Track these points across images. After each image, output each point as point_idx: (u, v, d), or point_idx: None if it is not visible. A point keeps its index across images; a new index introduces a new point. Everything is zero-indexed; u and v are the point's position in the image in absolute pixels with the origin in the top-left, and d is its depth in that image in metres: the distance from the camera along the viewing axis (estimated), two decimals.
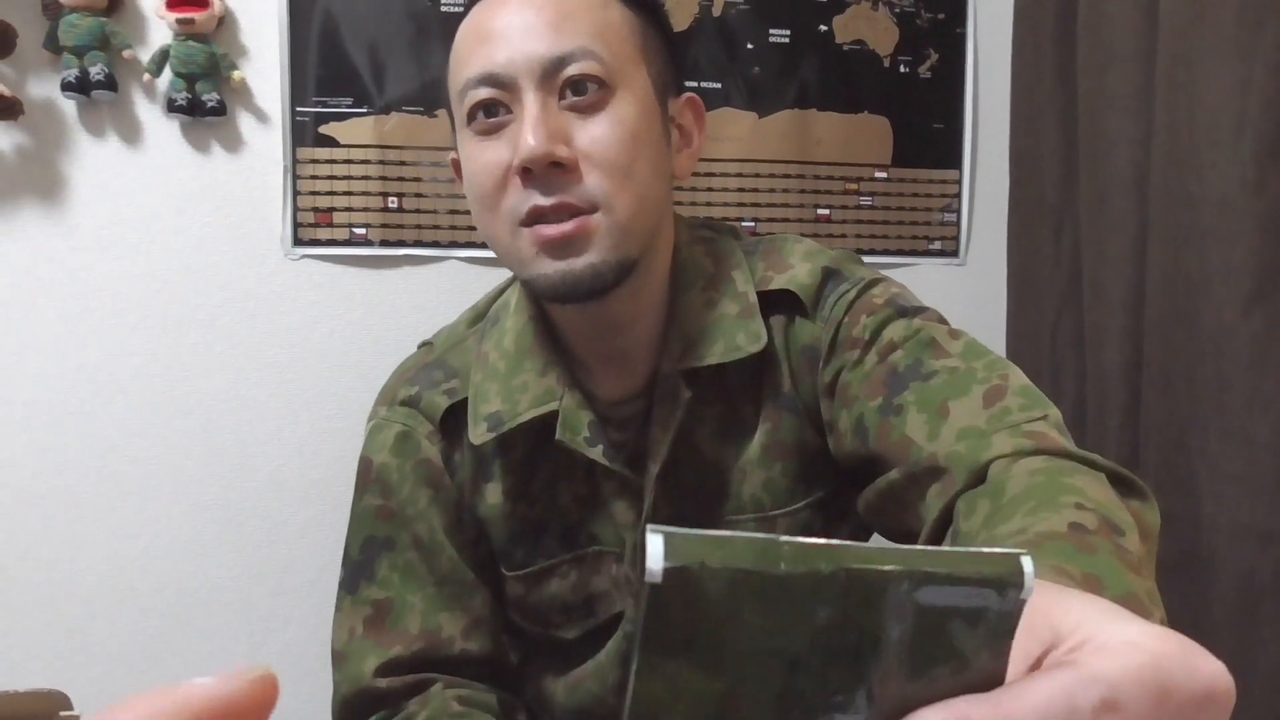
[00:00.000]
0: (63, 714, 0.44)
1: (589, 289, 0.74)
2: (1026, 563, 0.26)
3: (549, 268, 0.73)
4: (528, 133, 0.71)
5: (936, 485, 0.67)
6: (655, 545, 0.23)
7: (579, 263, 0.73)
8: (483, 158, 0.75)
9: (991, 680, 0.26)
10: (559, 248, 0.73)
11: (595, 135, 0.73)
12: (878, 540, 0.90)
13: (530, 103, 0.73)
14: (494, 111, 0.75)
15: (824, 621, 0.25)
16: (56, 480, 1.36)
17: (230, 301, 1.39)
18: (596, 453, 0.80)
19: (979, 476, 0.63)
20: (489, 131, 0.75)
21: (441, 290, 1.39)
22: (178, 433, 1.39)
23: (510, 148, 0.73)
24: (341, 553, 0.89)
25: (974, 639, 0.26)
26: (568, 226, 0.72)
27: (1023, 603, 0.26)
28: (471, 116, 0.76)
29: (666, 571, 0.23)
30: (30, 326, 1.34)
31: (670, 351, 0.81)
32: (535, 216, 0.73)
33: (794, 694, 0.25)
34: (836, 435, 0.79)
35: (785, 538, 0.25)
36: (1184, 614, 1.22)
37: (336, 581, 0.90)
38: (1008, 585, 0.26)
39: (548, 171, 0.72)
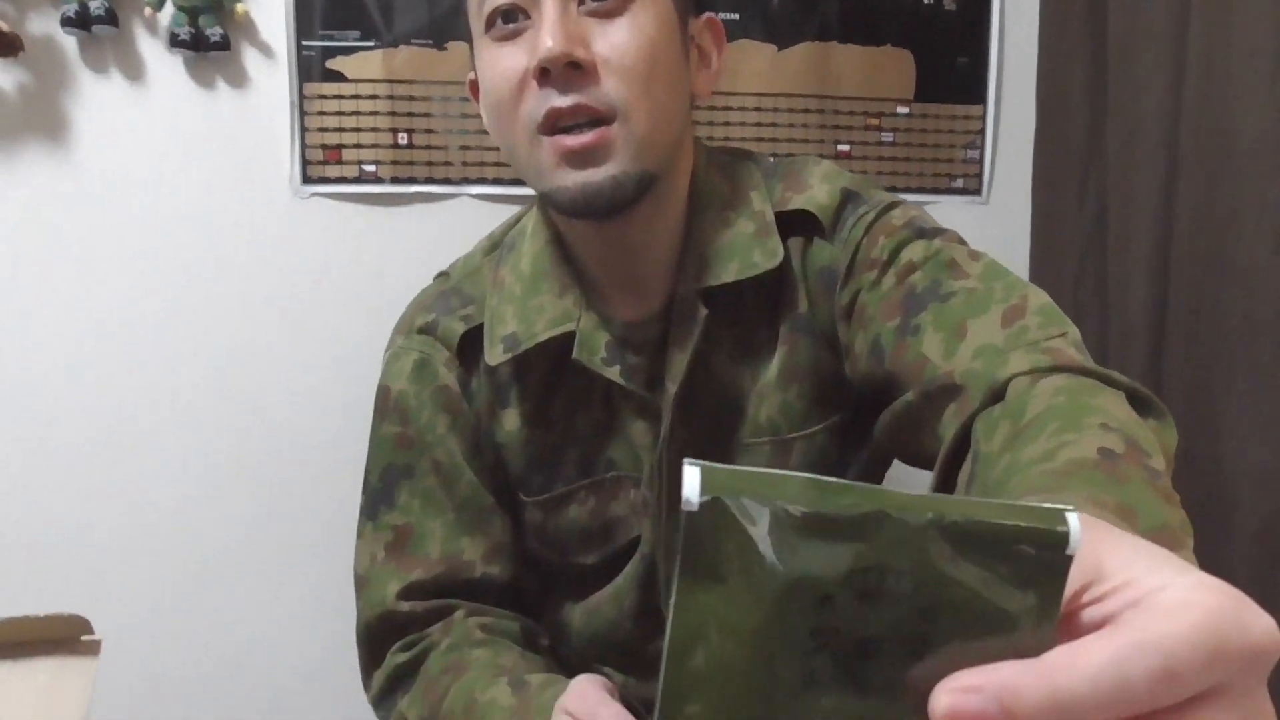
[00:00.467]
0: (84, 638, 0.44)
1: (610, 202, 0.73)
2: (1072, 518, 0.25)
3: (568, 179, 0.73)
4: (545, 34, 0.71)
5: (953, 405, 0.67)
6: (692, 477, 0.24)
7: (599, 174, 0.73)
8: (501, 64, 0.75)
9: (1041, 643, 0.25)
10: (579, 158, 0.73)
11: (614, 41, 0.73)
12: (897, 467, 0.89)
13: (549, 6, 0.73)
14: (513, 17, 0.75)
15: (859, 562, 0.24)
16: (70, 428, 1.35)
17: (239, 242, 1.37)
18: (614, 372, 0.80)
19: (996, 395, 0.62)
20: (507, 38, 0.75)
21: (454, 228, 1.37)
22: (189, 377, 1.37)
23: (528, 53, 0.73)
24: (359, 490, 0.89)
25: (1018, 597, 0.25)
26: (587, 138, 0.72)
27: (1069, 559, 0.25)
28: (490, 23, 0.76)
29: (703, 503, 0.24)
30: (38, 271, 1.33)
31: (687, 273, 0.81)
32: (553, 120, 0.73)
33: (827, 630, 0.25)
34: (853, 358, 0.79)
35: (824, 478, 0.25)
36: (1202, 557, 1.20)
37: (353, 523, 0.90)
38: (1052, 541, 0.25)
39: (565, 73, 0.72)
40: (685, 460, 0.24)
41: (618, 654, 0.90)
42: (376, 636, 0.86)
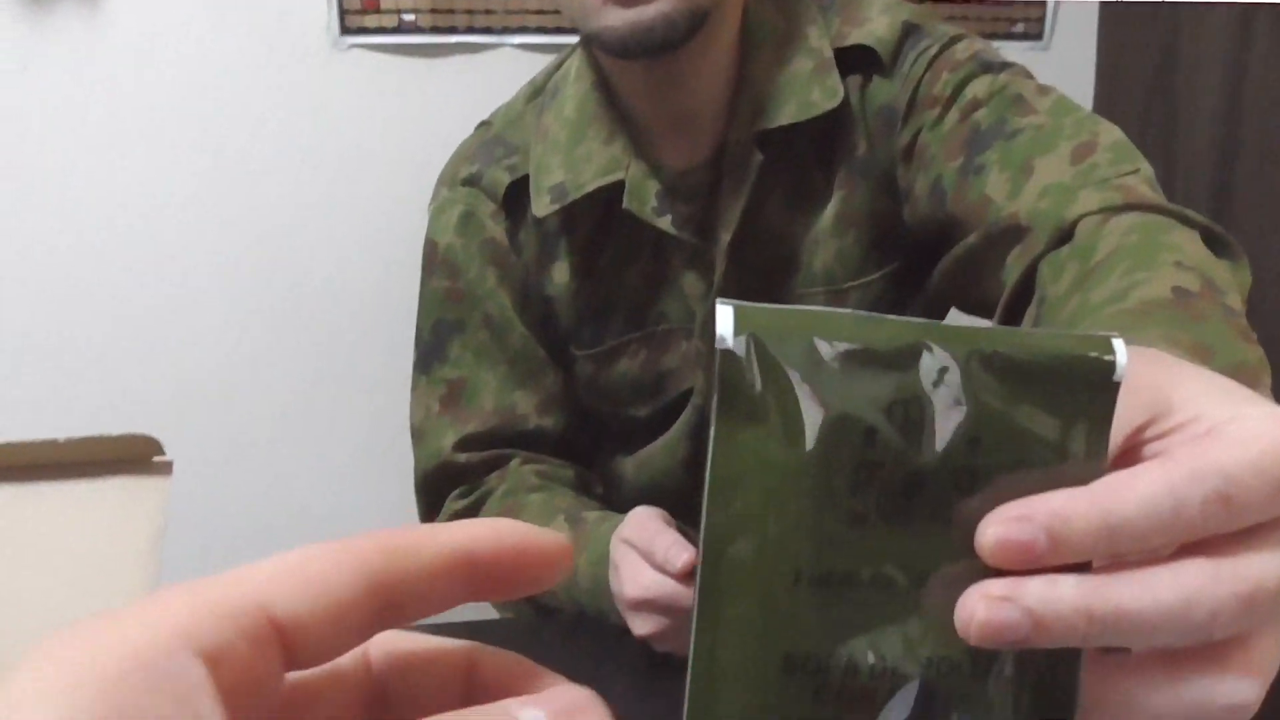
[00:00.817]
0: (156, 458, 0.45)
1: (661, 40, 0.70)
2: (1119, 344, 0.25)
3: (616, 19, 0.70)
4: None
5: (1017, 247, 0.64)
6: (725, 315, 0.24)
7: (649, 11, 0.69)
8: None
9: (1091, 475, 0.25)
10: None
11: None
12: (955, 317, 0.88)
13: None
14: None
15: (902, 394, 0.24)
16: (118, 291, 1.37)
17: (277, 99, 1.35)
18: (665, 222, 0.79)
19: (1064, 235, 0.60)
20: None
21: (496, 80, 1.32)
22: (232, 238, 1.38)
23: None
24: (408, 347, 0.90)
25: (1066, 428, 0.25)
26: None
27: (1117, 385, 0.25)
28: None
29: (737, 342, 0.24)
30: (75, 132, 1.32)
31: (740, 115, 0.78)
32: None
33: (872, 465, 0.24)
34: (913, 201, 0.77)
35: (860, 312, 0.24)
36: None
37: (404, 376, 0.91)
38: (1099, 369, 0.24)
39: None
40: (718, 300, 0.24)
41: (670, 503, 0.91)
42: (434, 486, 0.88)
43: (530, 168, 0.83)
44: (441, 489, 0.88)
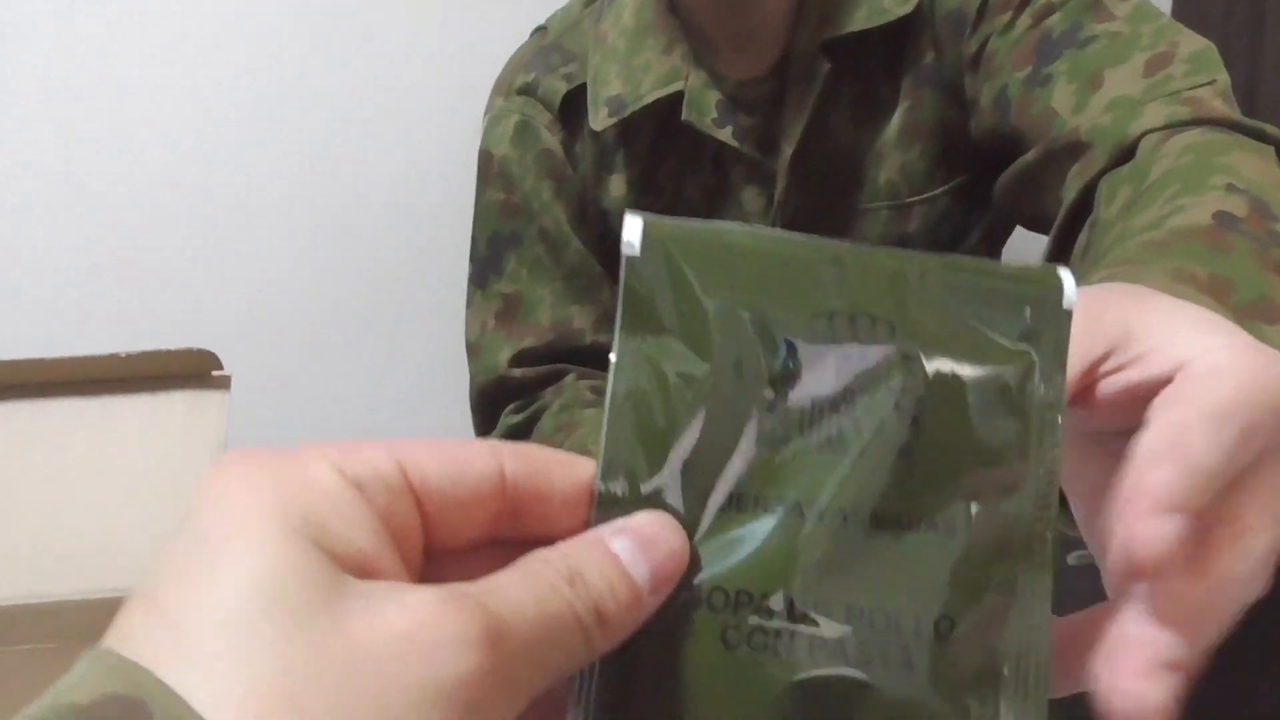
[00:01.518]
0: (215, 373, 0.46)
1: None
2: (1065, 273, 0.24)
3: None
4: None
5: (1077, 164, 0.62)
6: (634, 224, 0.23)
7: None
8: None
9: (1054, 400, 0.23)
10: None
11: None
12: (1020, 234, 0.85)
13: None
14: None
15: (827, 306, 0.23)
16: (188, 210, 1.38)
17: (328, 8, 1.33)
18: (725, 134, 0.76)
19: (1126, 153, 0.57)
20: None
21: None
22: (292, 159, 1.38)
23: None
24: (466, 258, 0.90)
25: (1015, 351, 0.23)
26: None
27: (1068, 314, 0.23)
28: None
29: (644, 249, 0.23)
30: (131, 58, 1.32)
31: (807, 22, 0.74)
32: None
33: (791, 378, 0.23)
34: (978, 112, 0.74)
35: (777, 229, 0.24)
36: None
37: (458, 300, 0.91)
38: (1045, 295, 0.23)
39: None
40: (627, 211, 0.23)
41: None
42: (490, 401, 0.88)
43: (588, 77, 0.81)
44: (496, 404, 0.88)
